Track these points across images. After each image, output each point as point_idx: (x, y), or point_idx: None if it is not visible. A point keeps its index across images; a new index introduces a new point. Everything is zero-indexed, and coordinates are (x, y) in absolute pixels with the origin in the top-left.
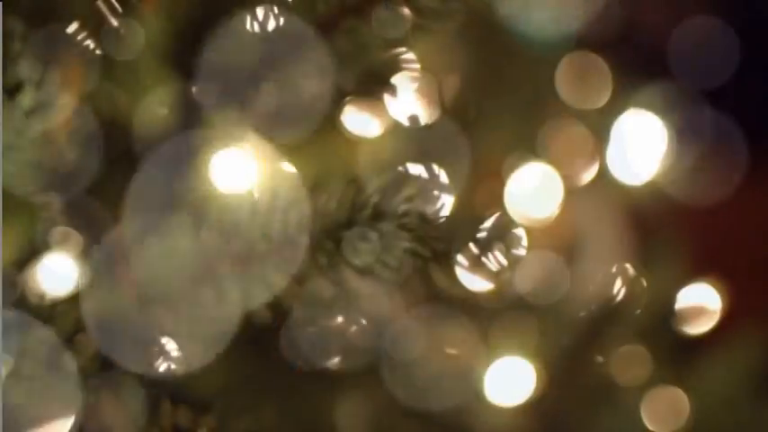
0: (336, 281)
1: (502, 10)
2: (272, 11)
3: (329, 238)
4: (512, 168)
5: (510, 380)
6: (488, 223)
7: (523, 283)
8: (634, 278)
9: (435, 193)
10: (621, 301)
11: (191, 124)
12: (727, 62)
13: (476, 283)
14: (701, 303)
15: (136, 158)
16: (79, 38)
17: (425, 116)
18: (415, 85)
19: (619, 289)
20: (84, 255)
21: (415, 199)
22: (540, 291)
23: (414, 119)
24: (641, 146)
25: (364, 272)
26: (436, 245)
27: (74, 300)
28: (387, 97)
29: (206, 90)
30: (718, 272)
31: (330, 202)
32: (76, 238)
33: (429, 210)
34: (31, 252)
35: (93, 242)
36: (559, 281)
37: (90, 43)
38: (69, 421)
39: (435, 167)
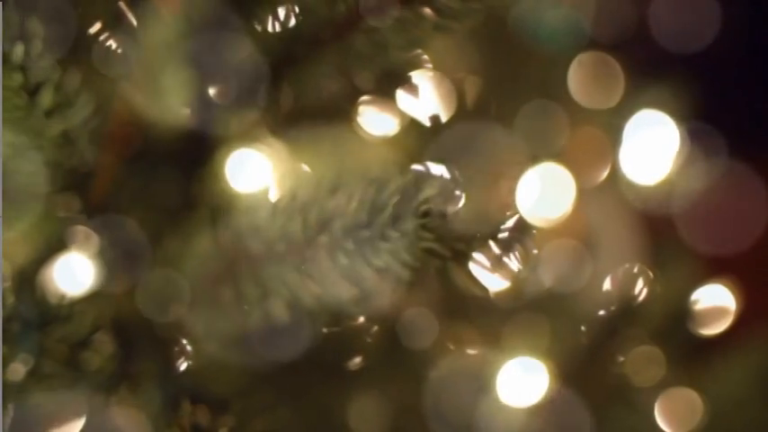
0: (356, 281)
1: (514, 10)
2: (293, 10)
3: (349, 238)
4: (524, 168)
5: (524, 380)
6: (507, 224)
7: (538, 282)
8: (648, 279)
9: (456, 192)
10: (636, 301)
11: (209, 124)
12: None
13: (493, 283)
14: (716, 304)
15: (153, 158)
16: (99, 38)
17: (442, 116)
18: (433, 85)
19: (632, 290)
20: (103, 254)
21: (435, 199)
22: (554, 290)
23: (435, 118)
24: (654, 146)
25: (384, 272)
26: (456, 245)
27: (92, 299)
28: (406, 96)
29: (225, 90)
30: (732, 272)
31: (350, 202)
32: (95, 237)
33: (449, 210)
34: (50, 252)
35: (112, 242)
36: (573, 281)
37: (109, 43)
38: (89, 420)
39: (453, 167)
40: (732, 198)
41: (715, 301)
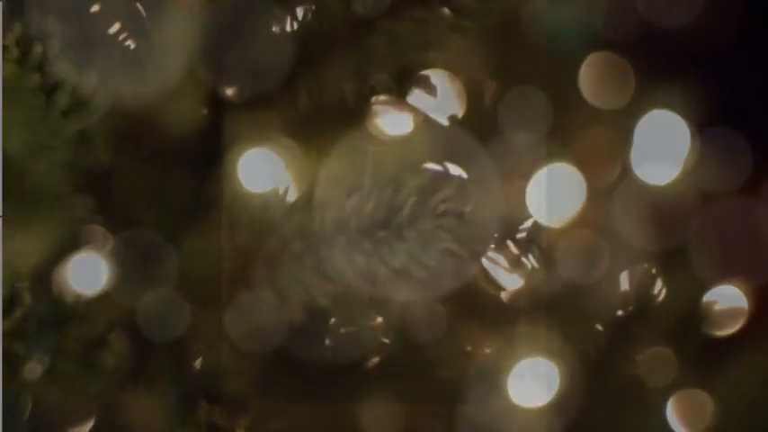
0: (373, 281)
1: (525, 10)
2: (310, 10)
3: (366, 239)
4: (535, 169)
5: (535, 381)
6: (523, 224)
7: (552, 283)
8: (660, 280)
9: (473, 193)
10: (648, 302)
11: (225, 123)
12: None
13: (508, 283)
14: (728, 305)
15: (169, 158)
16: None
17: (456, 116)
18: (448, 85)
19: (646, 291)
20: (118, 254)
21: (452, 199)
22: (567, 291)
23: (453, 118)
24: (665, 146)
25: (401, 272)
26: (473, 245)
27: (107, 298)
28: (423, 96)
29: (241, 90)
30: (745, 273)
31: (367, 203)
32: (109, 237)
33: (467, 210)
34: (66, 251)
35: (127, 242)
36: (585, 281)
37: (125, 43)
38: (104, 419)
39: (467, 167)
40: (744, 197)
41: (727, 302)
